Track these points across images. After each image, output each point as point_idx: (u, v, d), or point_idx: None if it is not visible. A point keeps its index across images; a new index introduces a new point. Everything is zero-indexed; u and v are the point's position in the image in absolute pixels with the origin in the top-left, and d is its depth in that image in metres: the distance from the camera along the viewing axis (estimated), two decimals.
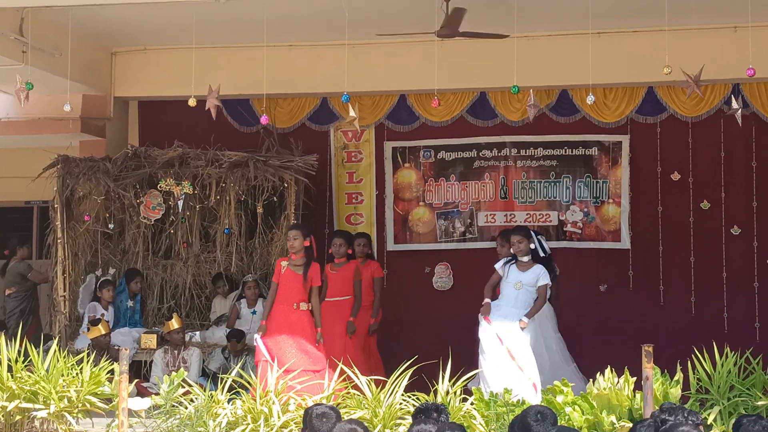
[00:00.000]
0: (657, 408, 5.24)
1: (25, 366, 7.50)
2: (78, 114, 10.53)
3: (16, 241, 11.70)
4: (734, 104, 8.11)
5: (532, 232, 8.65)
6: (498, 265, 8.51)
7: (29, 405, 7.28)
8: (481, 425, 6.67)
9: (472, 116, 10.64)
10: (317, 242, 9.99)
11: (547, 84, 10.19)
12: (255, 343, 8.35)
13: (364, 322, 9.41)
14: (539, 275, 8.35)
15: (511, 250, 8.50)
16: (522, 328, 8.17)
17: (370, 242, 10.06)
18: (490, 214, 10.70)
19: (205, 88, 8.28)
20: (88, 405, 7.31)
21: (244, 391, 7.35)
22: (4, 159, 12.12)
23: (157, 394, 7.29)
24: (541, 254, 8.49)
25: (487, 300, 8.40)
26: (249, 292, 10.02)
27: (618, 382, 6.69)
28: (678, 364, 6.80)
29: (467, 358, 8.11)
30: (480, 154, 10.73)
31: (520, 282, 8.34)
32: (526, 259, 8.38)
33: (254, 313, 9.95)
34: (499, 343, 8.13)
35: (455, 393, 6.95)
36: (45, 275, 11.35)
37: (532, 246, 8.41)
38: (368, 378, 7.16)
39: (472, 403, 6.87)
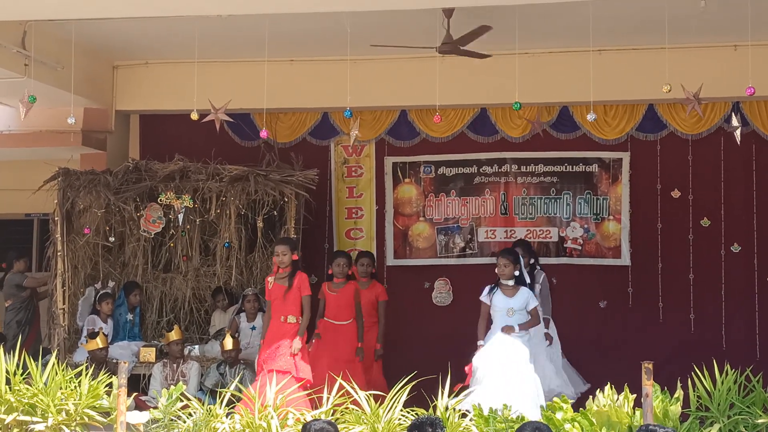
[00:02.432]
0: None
1: (24, 379, 7.48)
2: (79, 127, 10.53)
3: (14, 254, 11.71)
4: (734, 122, 8.13)
5: (520, 257, 8.44)
6: (483, 296, 8.25)
7: (27, 418, 7.25)
8: None
9: (473, 132, 10.66)
10: (317, 257, 10.04)
11: (548, 101, 10.23)
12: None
13: (369, 344, 9.39)
14: (528, 299, 8.21)
15: (496, 271, 8.28)
16: (509, 332, 8.02)
17: (373, 261, 10.00)
18: (491, 230, 10.71)
19: (207, 103, 8.30)
20: (86, 418, 7.29)
21: (241, 405, 7.33)
22: (5, 171, 12.13)
23: (156, 407, 7.27)
24: (527, 281, 8.31)
25: (480, 343, 8.15)
26: (248, 306, 10.00)
27: (618, 399, 6.68)
28: (678, 381, 6.79)
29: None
30: (480, 170, 10.75)
31: (512, 308, 8.16)
32: (510, 283, 8.21)
33: (254, 328, 9.93)
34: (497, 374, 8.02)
35: (454, 409, 6.93)
36: (41, 279, 11.34)
37: (517, 273, 8.22)
38: (367, 393, 7.15)
39: (471, 420, 6.85)
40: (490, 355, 8.01)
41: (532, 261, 8.92)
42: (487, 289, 8.28)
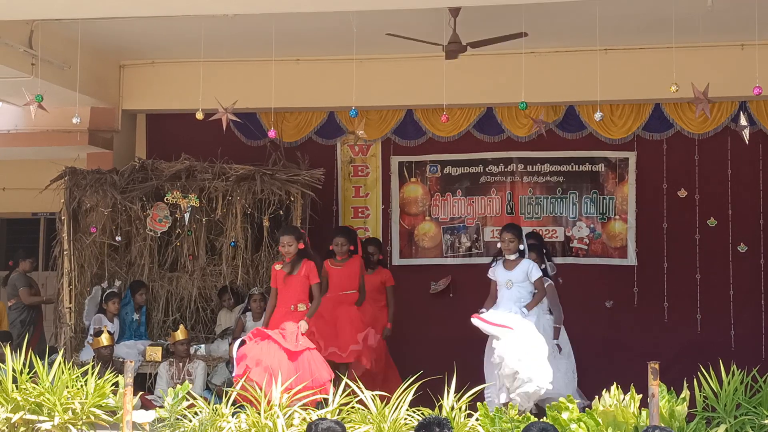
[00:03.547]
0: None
1: (30, 377, 7.50)
2: (86, 126, 10.57)
3: (21, 254, 11.70)
4: (741, 121, 8.11)
5: (523, 234, 8.52)
6: (490, 273, 8.40)
7: (33, 417, 7.27)
8: None
9: (479, 131, 10.66)
10: (322, 256, 10.00)
11: (554, 100, 10.22)
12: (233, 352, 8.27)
13: (377, 327, 9.41)
14: (528, 269, 8.25)
15: (499, 245, 8.39)
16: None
17: (380, 248, 10.02)
18: (497, 230, 10.68)
19: (213, 102, 8.31)
20: (92, 417, 7.30)
21: (247, 404, 7.33)
22: (12, 171, 12.17)
23: (162, 406, 7.28)
24: (526, 254, 8.41)
25: (482, 310, 8.30)
26: (255, 305, 10.01)
27: (624, 399, 6.67)
28: (684, 382, 6.78)
29: (473, 373, 8.08)
30: (486, 169, 10.75)
31: (510, 280, 8.24)
32: (513, 257, 8.28)
33: None
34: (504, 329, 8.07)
35: (460, 408, 6.93)
36: (33, 299, 11.28)
37: (521, 247, 8.33)
38: (373, 393, 7.15)
39: (477, 419, 6.85)
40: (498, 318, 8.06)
41: (543, 266, 8.87)
42: (491, 266, 8.39)
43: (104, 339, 9.30)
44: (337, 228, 10.06)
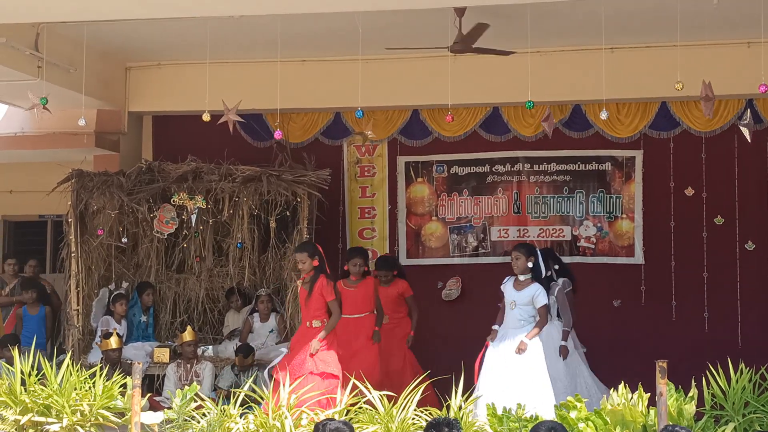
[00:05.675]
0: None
1: (38, 379, 7.51)
2: (92, 128, 10.59)
3: None
4: (745, 119, 8.09)
5: (537, 251, 8.37)
6: (502, 287, 8.28)
7: (42, 419, 7.28)
8: None
9: (485, 131, 10.65)
10: (329, 257, 10.01)
11: (560, 99, 10.21)
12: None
13: (397, 339, 9.40)
14: (534, 295, 8.10)
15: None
16: (522, 350, 8.01)
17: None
18: (503, 229, 10.70)
19: (219, 103, 8.32)
20: (100, 419, 7.31)
21: (256, 405, 7.33)
22: (19, 173, 12.19)
23: (170, 408, 7.29)
24: (543, 274, 8.25)
25: (494, 327, 8.27)
26: (262, 306, 10.03)
27: (632, 397, 6.66)
28: (692, 380, 6.77)
29: None
30: (493, 168, 10.74)
31: (514, 302, 8.14)
32: (522, 277, 8.17)
33: (272, 331, 9.94)
34: (503, 367, 8.03)
35: (468, 408, 6.92)
36: None
37: (530, 264, 8.18)
38: (380, 393, 7.15)
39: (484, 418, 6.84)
40: (498, 357, 8.02)
41: (549, 273, 8.81)
42: (506, 279, 8.34)
43: (113, 342, 9.32)
44: (353, 248, 9.92)
